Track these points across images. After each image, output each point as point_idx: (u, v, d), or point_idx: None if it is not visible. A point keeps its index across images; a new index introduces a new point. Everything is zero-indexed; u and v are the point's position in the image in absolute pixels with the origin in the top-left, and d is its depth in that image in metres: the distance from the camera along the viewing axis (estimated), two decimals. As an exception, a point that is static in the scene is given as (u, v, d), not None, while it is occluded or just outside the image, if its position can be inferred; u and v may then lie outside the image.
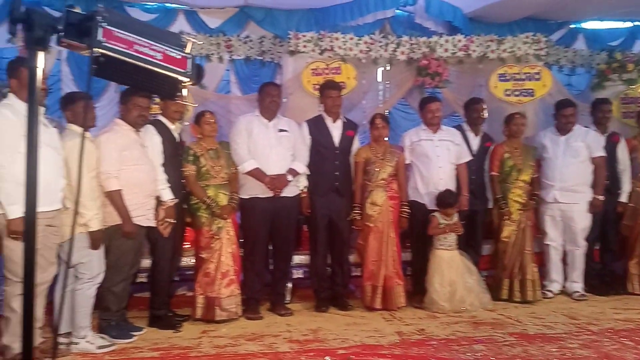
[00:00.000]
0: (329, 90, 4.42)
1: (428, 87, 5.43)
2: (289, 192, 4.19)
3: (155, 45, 1.46)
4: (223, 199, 3.98)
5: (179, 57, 1.52)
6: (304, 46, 5.31)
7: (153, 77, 1.49)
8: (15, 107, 3.02)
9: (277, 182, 4.07)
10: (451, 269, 4.25)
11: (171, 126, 3.96)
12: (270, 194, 4.09)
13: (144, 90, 2.09)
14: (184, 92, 1.64)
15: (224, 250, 3.95)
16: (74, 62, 5.42)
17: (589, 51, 6.37)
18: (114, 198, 3.48)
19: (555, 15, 6.40)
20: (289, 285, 4.46)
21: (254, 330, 3.75)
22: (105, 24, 1.32)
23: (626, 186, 4.80)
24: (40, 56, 1.27)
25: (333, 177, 4.34)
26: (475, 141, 4.73)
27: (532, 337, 3.56)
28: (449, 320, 3.98)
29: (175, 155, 3.92)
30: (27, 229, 1.28)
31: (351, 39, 5.34)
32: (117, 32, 1.36)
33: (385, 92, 5.62)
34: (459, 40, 5.44)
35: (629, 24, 6.77)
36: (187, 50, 1.57)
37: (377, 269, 4.25)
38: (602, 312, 4.16)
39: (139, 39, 1.42)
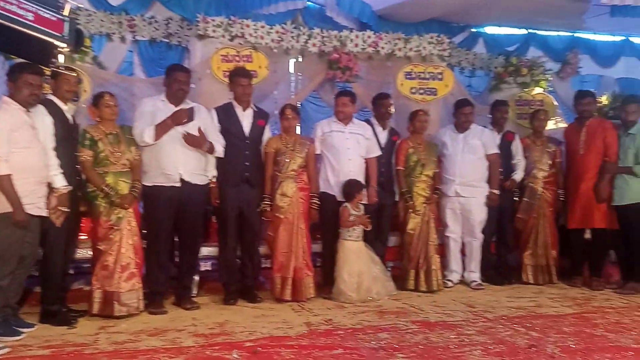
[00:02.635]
0: (238, 77, 4.29)
1: (339, 81, 5.45)
2: (197, 180, 4.03)
3: (26, 4, 1.28)
4: (124, 187, 3.76)
5: (54, 19, 1.34)
6: (214, 31, 5.12)
7: (22, 40, 1.30)
8: None
9: (180, 114, 3.87)
10: (359, 259, 4.32)
11: (64, 107, 3.63)
12: (175, 182, 3.91)
13: (12, 54, 1.81)
14: (60, 58, 1.46)
15: (125, 242, 3.73)
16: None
17: (488, 55, 6.72)
18: (3, 183, 3.13)
19: (458, 18, 6.77)
20: (196, 278, 4.30)
21: (156, 325, 3.57)
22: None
23: (517, 176, 5.04)
24: None
25: (243, 167, 4.23)
26: (383, 135, 4.83)
27: (433, 325, 3.68)
28: (356, 310, 4.04)
29: (68, 138, 3.61)
30: None
31: (262, 27, 5.22)
32: None
33: (297, 84, 5.58)
34: (369, 37, 5.52)
35: (524, 31, 7.34)
36: (65, 12, 1.39)
37: (287, 261, 4.21)
38: (497, 301, 4.40)
39: None
